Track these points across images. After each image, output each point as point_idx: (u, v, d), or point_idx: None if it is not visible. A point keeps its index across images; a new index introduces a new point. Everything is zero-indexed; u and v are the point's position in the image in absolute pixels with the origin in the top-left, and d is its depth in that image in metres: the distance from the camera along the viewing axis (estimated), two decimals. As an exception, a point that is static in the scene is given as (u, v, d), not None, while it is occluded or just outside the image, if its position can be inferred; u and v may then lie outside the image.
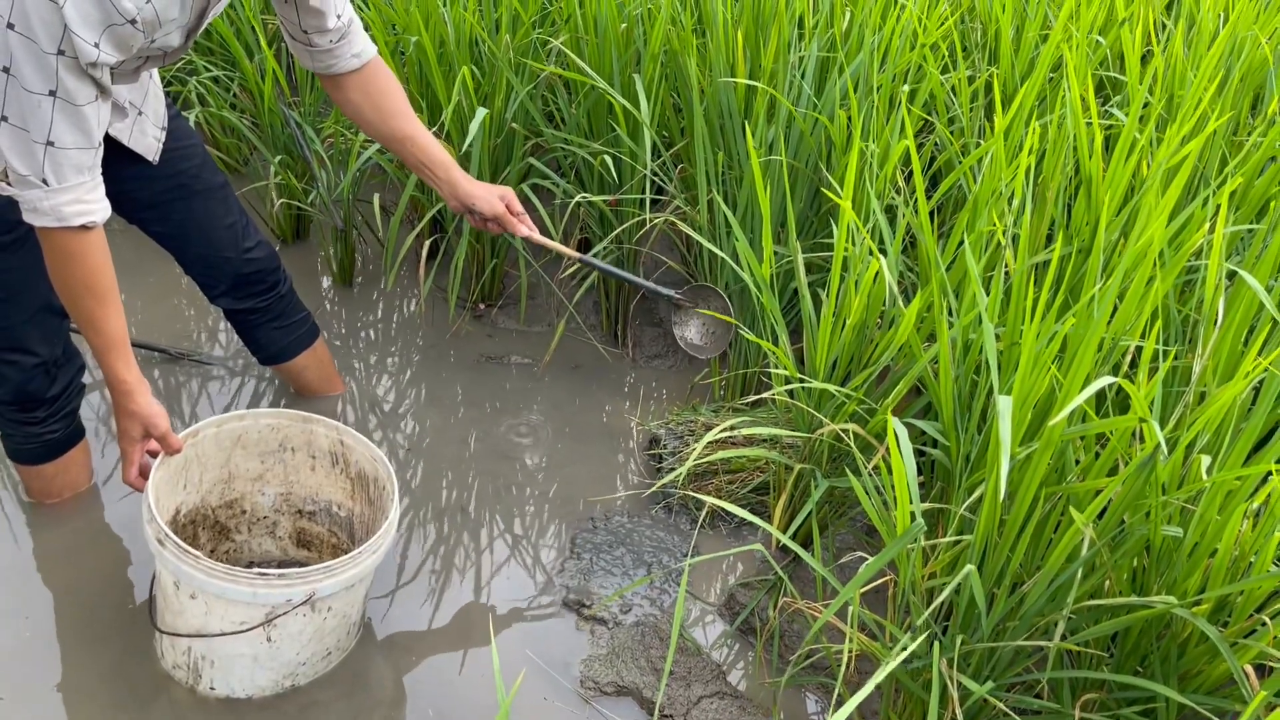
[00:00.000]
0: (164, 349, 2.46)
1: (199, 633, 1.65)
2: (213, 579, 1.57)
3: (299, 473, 1.92)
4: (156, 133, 1.88)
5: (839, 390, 1.83)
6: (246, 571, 1.58)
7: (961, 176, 2.15)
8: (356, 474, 1.88)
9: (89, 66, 1.41)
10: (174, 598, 1.64)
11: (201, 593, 1.60)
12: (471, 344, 2.64)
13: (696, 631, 1.97)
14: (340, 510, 1.94)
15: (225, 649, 1.66)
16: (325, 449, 1.90)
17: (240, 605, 1.61)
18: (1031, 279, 1.64)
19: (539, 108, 2.56)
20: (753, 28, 2.39)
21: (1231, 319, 1.62)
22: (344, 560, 1.63)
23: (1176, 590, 1.44)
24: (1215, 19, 2.52)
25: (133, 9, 1.41)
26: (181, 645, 1.69)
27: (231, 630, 1.63)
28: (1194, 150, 1.74)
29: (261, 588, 1.58)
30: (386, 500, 1.78)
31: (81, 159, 1.48)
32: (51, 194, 1.48)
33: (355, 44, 1.85)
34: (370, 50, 1.88)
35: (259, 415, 1.86)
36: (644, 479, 2.29)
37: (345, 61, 1.86)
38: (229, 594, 1.58)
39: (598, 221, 2.54)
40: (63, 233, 1.51)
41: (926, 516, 1.79)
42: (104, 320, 1.60)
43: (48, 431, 1.94)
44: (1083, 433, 1.47)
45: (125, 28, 1.42)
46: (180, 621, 1.66)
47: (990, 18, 2.53)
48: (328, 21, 1.78)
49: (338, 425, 1.87)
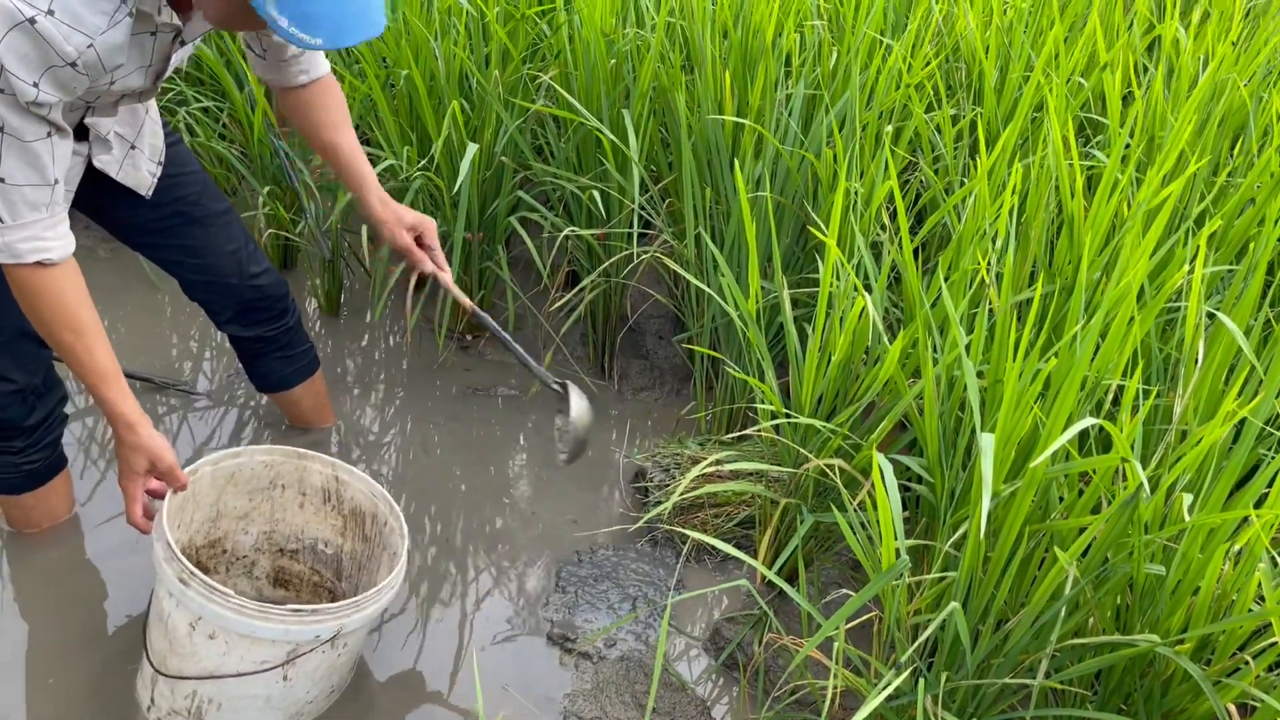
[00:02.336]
0: (149, 377, 2.45)
1: (212, 674, 1.60)
2: (244, 617, 1.53)
3: (285, 510, 1.90)
4: (152, 167, 1.87)
5: (824, 425, 1.84)
6: (279, 608, 1.55)
7: (946, 215, 2.17)
8: (350, 510, 1.87)
9: (31, 105, 1.39)
10: (185, 639, 1.59)
11: (224, 632, 1.56)
12: (458, 375, 2.64)
13: (681, 666, 1.96)
14: (327, 548, 1.92)
15: (237, 690, 1.62)
16: (318, 485, 1.88)
17: (265, 644, 1.57)
18: (1015, 317, 1.65)
19: (528, 141, 2.58)
20: (740, 66, 2.42)
21: (1212, 359, 1.64)
22: (369, 595, 1.62)
23: (1160, 629, 1.45)
24: (1195, 62, 2.57)
25: (73, 52, 1.39)
26: (185, 689, 1.64)
27: (250, 670, 1.59)
28: (1174, 192, 1.76)
29: (294, 624, 1.55)
30: (391, 535, 1.77)
31: (36, 196, 1.47)
32: (6, 230, 1.46)
33: (306, 64, 1.86)
34: (319, 70, 1.88)
35: (254, 452, 1.83)
36: (630, 512, 2.28)
37: (294, 79, 1.87)
38: (258, 632, 1.55)
39: (585, 255, 2.55)
40: (22, 269, 1.50)
41: (911, 552, 1.80)
42: (87, 353, 1.57)
43: (26, 462, 1.91)
44: (1066, 471, 1.48)
45: (65, 70, 1.40)
46: (189, 664, 1.61)
47: (974, 59, 2.57)
48: (286, 52, 1.81)
49: (334, 461, 1.85)
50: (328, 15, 1.38)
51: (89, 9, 1.39)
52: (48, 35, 1.35)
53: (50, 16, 1.35)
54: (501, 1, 2.63)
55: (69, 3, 1.37)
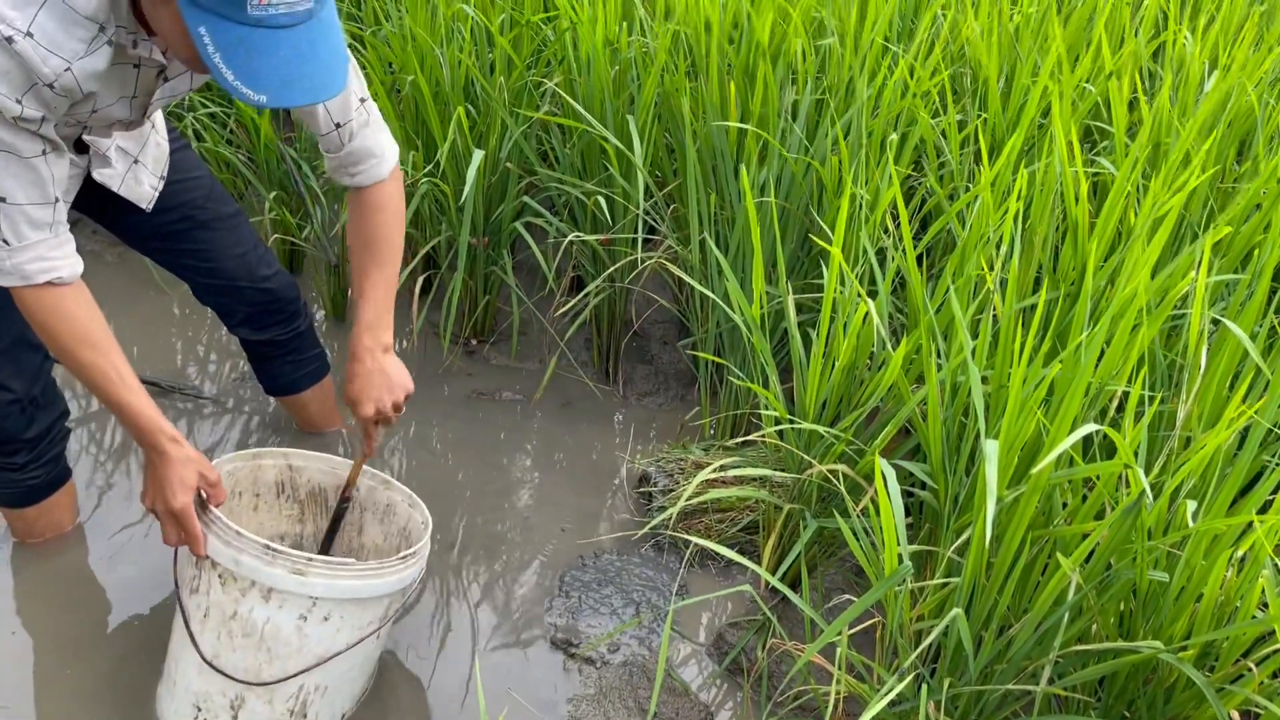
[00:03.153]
0: (155, 382, 2.46)
1: (321, 659, 1.57)
2: (373, 579, 1.56)
3: (240, 519, 1.86)
4: (153, 181, 1.86)
5: (828, 431, 1.84)
6: (391, 561, 1.59)
7: (950, 221, 2.17)
8: (308, 494, 1.88)
9: (18, 120, 1.40)
10: (293, 636, 1.55)
11: (339, 606, 1.55)
12: (463, 379, 2.65)
13: (685, 671, 1.96)
14: (284, 540, 1.92)
15: (343, 666, 1.61)
16: (270, 481, 1.87)
17: (373, 604, 1.59)
18: (1019, 323, 1.65)
19: (533, 147, 2.59)
20: (743, 73, 2.42)
21: (1216, 365, 1.63)
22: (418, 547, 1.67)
23: (1163, 635, 1.45)
24: (1201, 67, 2.56)
25: (49, 74, 1.38)
26: (288, 690, 1.59)
27: (358, 639, 1.60)
28: (1179, 201, 1.76)
29: (403, 572, 1.60)
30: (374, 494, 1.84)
31: (39, 215, 1.46)
32: (13, 253, 1.46)
33: (350, 165, 1.77)
34: (368, 178, 1.78)
35: (219, 464, 1.77)
36: (634, 517, 2.29)
37: (341, 177, 1.79)
38: (379, 590, 1.57)
39: (590, 260, 2.56)
40: (32, 291, 1.49)
41: (915, 558, 1.80)
42: (111, 368, 1.54)
43: (28, 477, 1.90)
44: (1069, 477, 1.48)
45: (44, 90, 1.40)
46: (295, 661, 1.57)
47: (979, 64, 2.57)
48: (319, 128, 1.71)
49: (286, 451, 1.85)
50: (275, 73, 1.31)
51: (66, 35, 1.39)
52: (25, 55, 1.36)
53: (29, 38, 1.36)
54: (506, 8, 2.64)
55: (47, 27, 1.37)
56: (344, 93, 1.68)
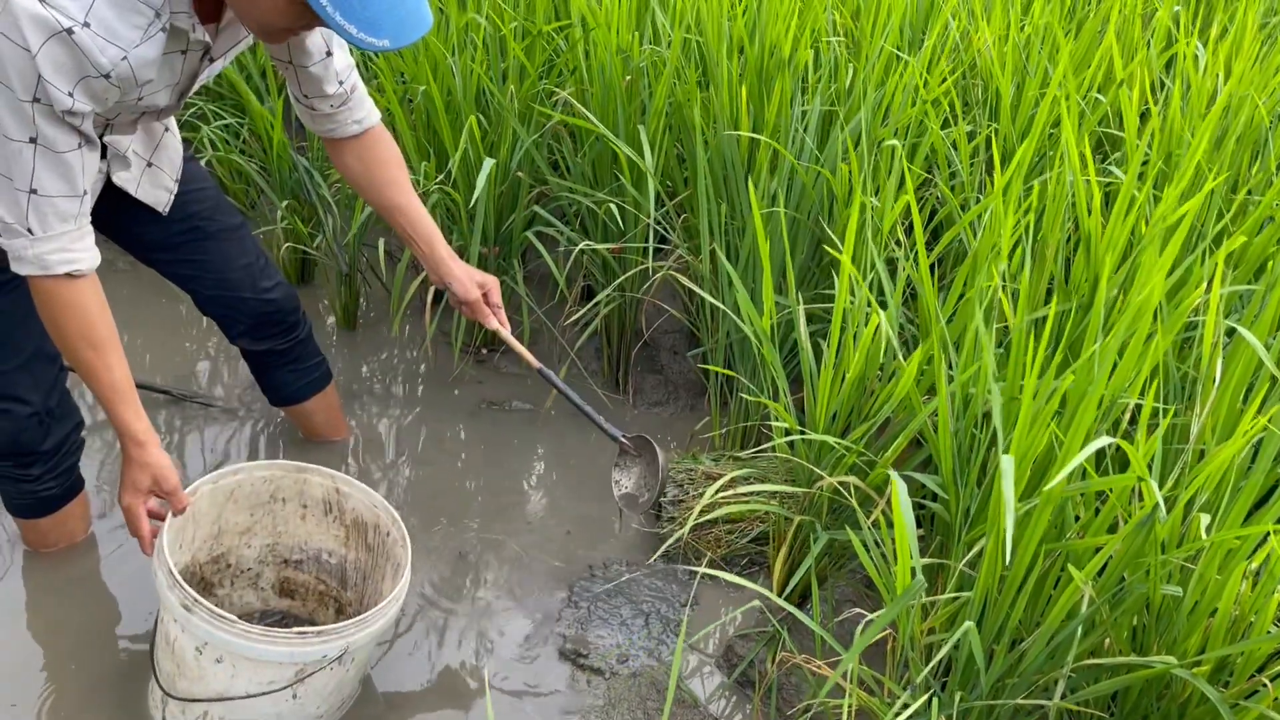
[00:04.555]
0: (166, 390, 2.47)
1: (221, 696, 1.61)
2: (250, 642, 1.53)
3: (288, 523, 1.90)
4: (169, 184, 1.88)
5: (838, 442, 1.83)
6: (284, 631, 1.55)
7: (962, 231, 2.17)
8: (352, 521, 1.88)
9: (65, 114, 1.41)
10: (193, 664, 1.59)
11: (230, 655, 1.56)
12: (473, 389, 2.65)
13: (694, 683, 1.96)
14: (331, 558, 1.93)
15: (248, 711, 1.62)
16: (319, 498, 1.89)
17: (272, 666, 1.57)
18: (1031, 335, 1.65)
19: (544, 156, 2.59)
20: (756, 82, 2.42)
21: (1230, 376, 1.62)
22: (374, 612, 1.62)
23: (1177, 650, 1.44)
24: (1213, 79, 2.56)
25: (107, 64, 1.40)
26: (196, 710, 1.64)
27: (259, 691, 1.59)
28: (1191, 210, 1.76)
29: (299, 646, 1.55)
30: (394, 546, 1.78)
31: (66, 207, 1.48)
32: (36, 242, 1.48)
33: (357, 111, 1.86)
34: (372, 118, 1.89)
35: (253, 468, 1.83)
36: (644, 528, 2.28)
37: (346, 128, 1.87)
38: (265, 655, 1.55)
39: (601, 269, 2.56)
40: (49, 281, 1.51)
41: (926, 570, 1.79)
42: (106, 370, 1.57)
43: (43, 488, 1.91)
44: (1082, 490, 1.47)
45: (99, 81, 1.41)
46: (198, 687, 1.62)
47: (990, 74, 2.57)
48: (327, 88, 1.80)
49: (333, 473, 1.86)
50: (388, 15, 1.39)
51: (123, 22, 1.41)
52: (84, 46, 1.37)
53: (86, 29, 1.37)
54: (518, 18, 2.65)
55: (104, 15, 1.39)
56: (347, 56, 1.81)
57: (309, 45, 1.73)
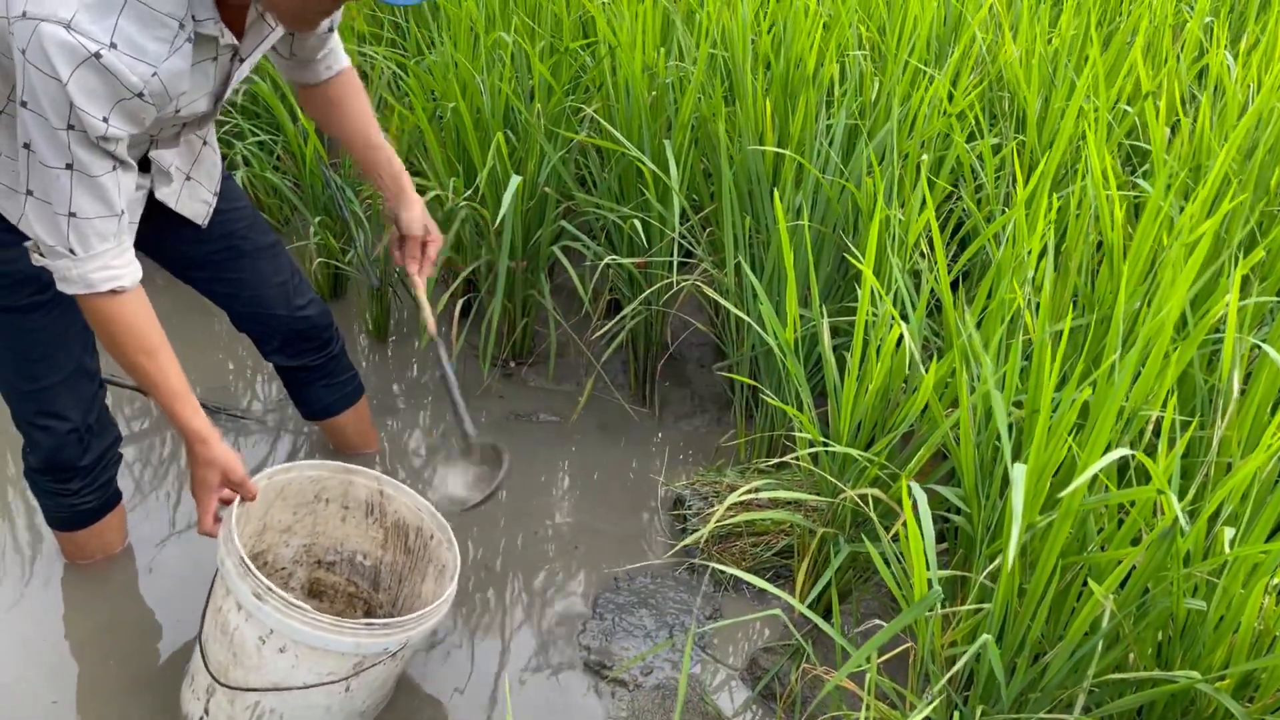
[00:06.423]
0: (202, 402, 2.51)
1: (277, 686, 1.63)
2: (320, 631, 1.57)
3: (328, 524, 1.95)
4: (208, 197, 1.91)
5: (861, 455, 1.83)
6: (354, 622, 1.59)
7: (986, 243, 2.16)
8: (393, 523, 1.91)
9: (100, 140, 1.42)
10: (254, 652, 1.61)
11: (295, 645, 1.59)
12: (501, 401, 2.67)
13: (719, 696, 1.96)
14: (365, 560, 1.96)
15: (300, 702, 1.64)
16: (362, 499, 1.92)
17: (335, 656, 1.60)
18: (1052, 347, 1.64)
19: (571, 172, 2.62)
20: (781, 96, 2.43)
21: (1255, 390, 1.61)
22: (433, 608, 1.67)
23: (1201, 665, 1.42)
24: (1245, 90, 2.53)
25: (139, 83, 1.41)
26: (247, 701, 1.66)
27: (316, 683, 1.62)
28: (1214, 222, 1.74)
29: (366, 638, 1.59)
30: (439, 549, 1.82)
31: (105, 227, 1.51)
32: (79, 263, 1.50)
33: (330, 59, 1.89)
34: (342, 63, 1.91)
35: (304, 467, 1.87)
36: (668, 539, 2.29)
37: (319, 74, 1.89)
38: (332, 645, 1.58)
39: (627, 283, 2.58)
40: (97, 299, 1.54)
41: (949, 583, 1.78)
42: (161, 374, 1.61)
43: (81, 502, 1.95)
44: (1103, 503, 1.46)
45: (133, 101, 1.42)
46: (254, 677, 1.63)
47: (1017, 86, 2.56)
48: (316, 53, 1.83)
49: (379, 476, 1.90)
50: None
51: (148, 38, 1.41)
52: (114, 69, 1.37)
53: (114, 50, 1.37)
54: (545, 35, 2.68)
55: (128, 33, 1.39)
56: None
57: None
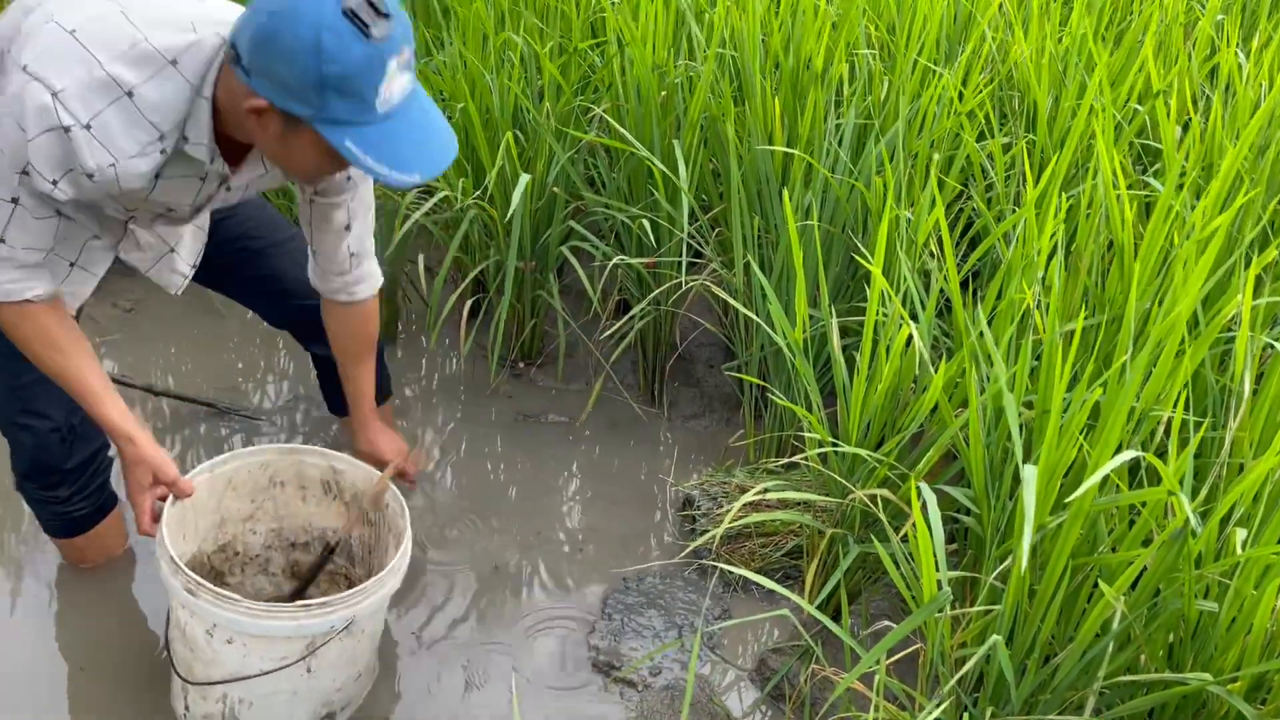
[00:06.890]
0: (211, 403, 2.52)
1: (236, 676, 1.65)
2: (255, 619, 1.58)
3: (289, 506, 1.94)
4: (185, 270, 1.90)
5: (870, 455, 1.83)
6: (288, 606, 1.60)
7: (996, 243, 2.16)
8: (352, 497, 1.91)
9: (46, 195, 1.47)
10: (205, 647, 1.65)
11: (239, 635, 1.61)
12: (510, 402, 2.68)
13: (728, 697, 1.96)
14: (335, 536, 1.96)
15: (264, 688, 1.66)
16: (316, 478, 1.92)
17: (281, 641, 1.62)
18: (1062, 347, 1.63)
19: (580, 172, 2.62)
20: (790, 95, 2.43)
21: (1267, 390, 1.60)
22: (374, 581, 1.65)
23: (1213, 666, 1.42)
24: (1257, 88, 2.52)
25: (92, 166, 1.45)
26: (216, 693, 1.70)
27: (272, 668, 1.63)
28: (1224, 224, 1.73)
29: (305, 619, 1.59)
30: (395, 517, 1.81)
31: (26, 257, 1.54)
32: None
33: (359, 286, 1.89)
34: (363, 294, 1.91)
35: (247, 454, 1.87)
36: (677, 540, 2.29)
37: (334, 294, 1.90)
38: (272, 631, 1.59)
39: (636, 283, 2.58)
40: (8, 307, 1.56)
41: (959, 584, 1.78)
42: (77, 372, 1.61)
43: (73, 509, 1.93)
44: (1114, 504, 1.46)
45: (82, 177, 1.46)
46: (214, 670, 1.67)
47: (1027, 85, 2.55)
48: (340, 259, 1.83)
49: (325, 452, 1.90)
50: (416, 150, 1.43)
51: (125, 135, 1.45)
52: (76, 144, 1.42)
53: (86, 130, 1.42)
54: (554, 35, 2.68)
55: (108, 122, 1.43)
56: (365, 226, 1.84)
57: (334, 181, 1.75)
